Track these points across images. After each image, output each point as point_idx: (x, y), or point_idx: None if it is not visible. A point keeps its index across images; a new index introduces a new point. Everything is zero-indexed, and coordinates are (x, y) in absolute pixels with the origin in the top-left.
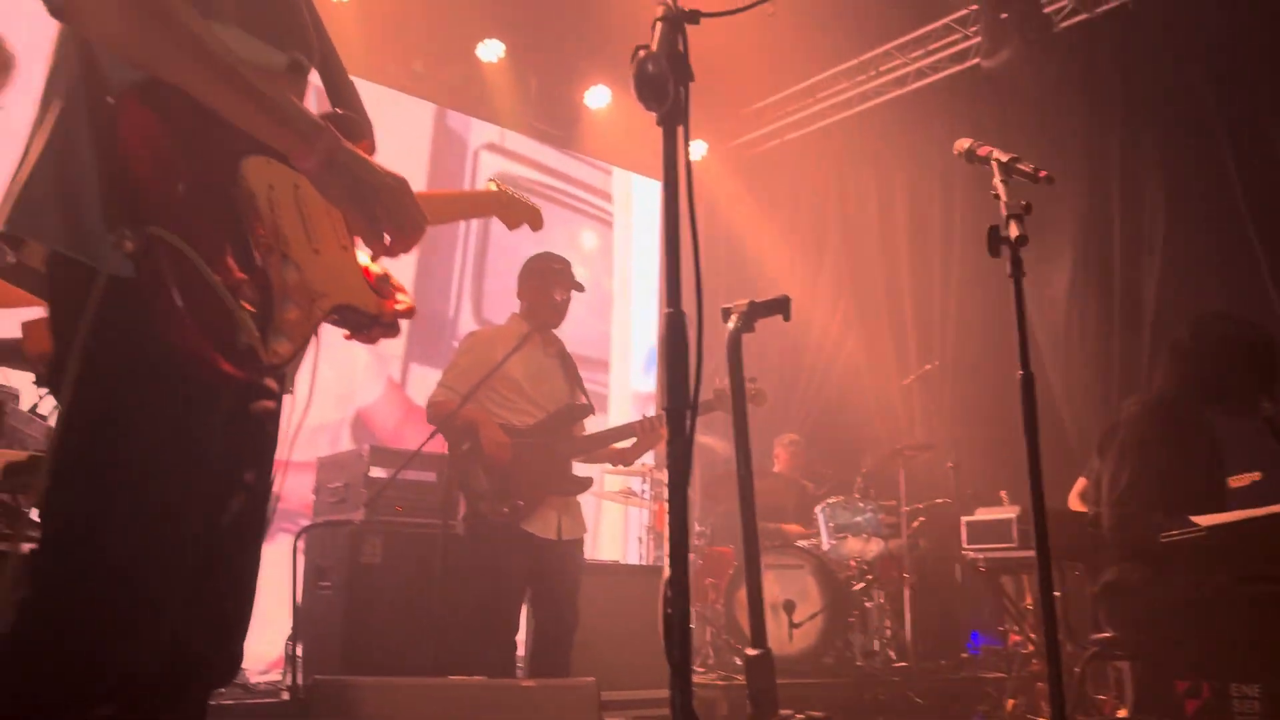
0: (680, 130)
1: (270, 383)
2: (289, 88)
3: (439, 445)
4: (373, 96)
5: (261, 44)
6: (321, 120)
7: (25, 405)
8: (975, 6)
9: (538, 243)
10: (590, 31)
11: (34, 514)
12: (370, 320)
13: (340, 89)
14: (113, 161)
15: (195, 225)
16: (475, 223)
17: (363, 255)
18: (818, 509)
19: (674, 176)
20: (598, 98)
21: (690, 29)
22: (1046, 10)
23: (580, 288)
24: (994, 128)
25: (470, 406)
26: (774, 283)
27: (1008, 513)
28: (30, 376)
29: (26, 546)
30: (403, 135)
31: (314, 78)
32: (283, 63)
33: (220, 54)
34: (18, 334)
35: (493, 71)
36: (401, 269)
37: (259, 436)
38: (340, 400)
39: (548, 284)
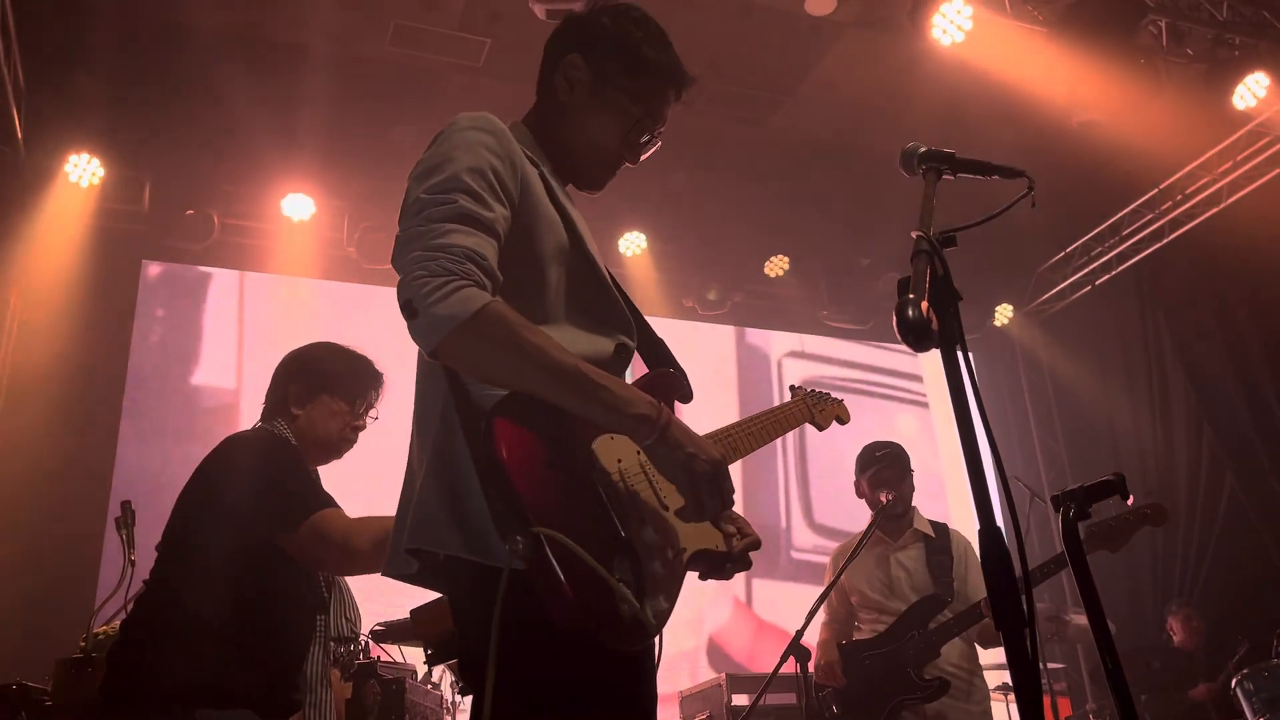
0: (958, 351)
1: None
2: (619, 369)
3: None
4: (675, 332)
5: (591, 336)
6: (655, 400)
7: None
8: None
9: (856, 437)
10: (872, 233)
11: None
12: (723, 559)
13: (654, 349)
14: (494, 473)
15: (568, 517)
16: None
17: None
18: (1234, 684)
19: (962, 398)
20: (889, 284)
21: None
22: None
23: (908, 461)
24: None
25: (824, 632)
26: (1118, 435)
27: None
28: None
29: None
30: (706, 360)
31: None
32: (610, 349)
33: (565, 361)
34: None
35: (781, 284)
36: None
37: (648, 690)
38: (691, 626)
39: (872, 482)
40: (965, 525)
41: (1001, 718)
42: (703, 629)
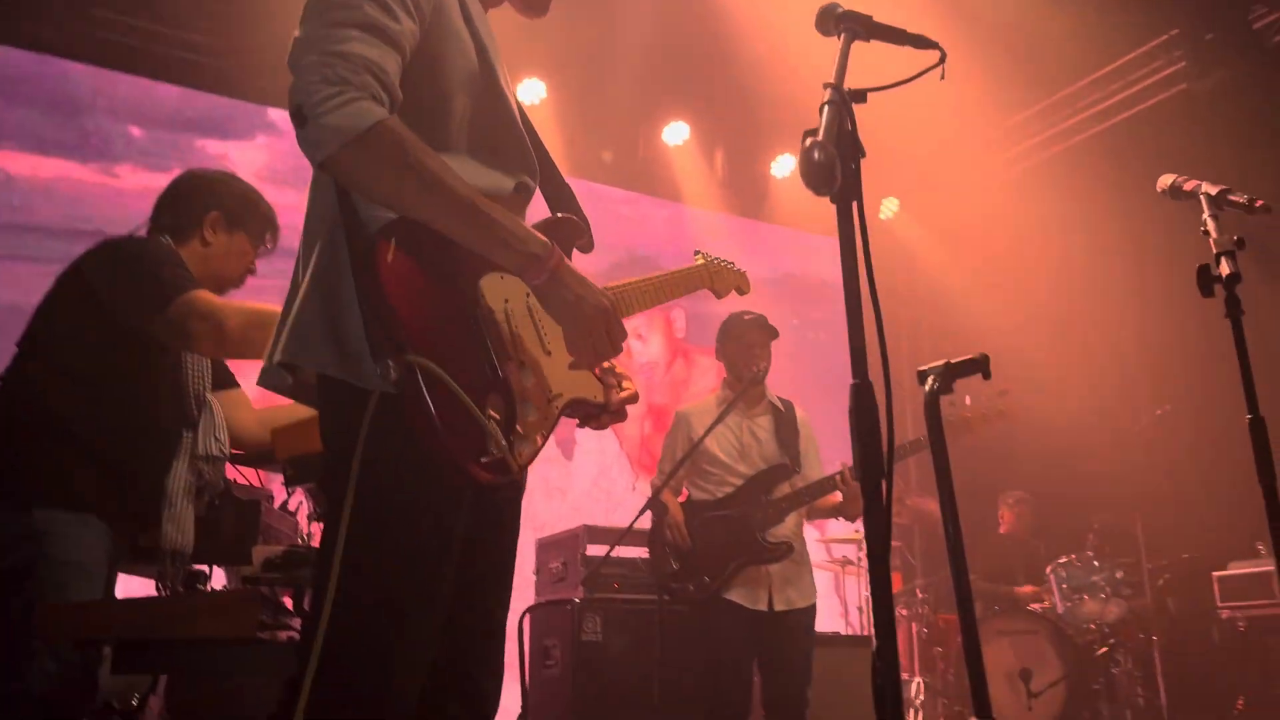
0: (855, 206)
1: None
2: (517, 208)
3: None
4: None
5: (490, 171)
6: (549, 240)
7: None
8: (1177, 31)
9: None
10: (771, 102)
11: (288, 603)
12: (599, 409)
13: (558, 194)
14: (373, 296)
15: (445, 347)
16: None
17: None
18: (1049, 569)
19: (851, 254)
20: (783, 167)
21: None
22: (1256, 27)
23: (774, 333)
24: (1207, 155)
25: (669, 489)
26: (983, 336)
27: (1266, 566)
28: (278, 477)
29: (284, 635)
30: (598, 225)
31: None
32: (510, 186)
33: (460, 190)
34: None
35: (679, 153)
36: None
37: (499, 523)
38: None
39: (739, 346)
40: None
41: (829, 588)
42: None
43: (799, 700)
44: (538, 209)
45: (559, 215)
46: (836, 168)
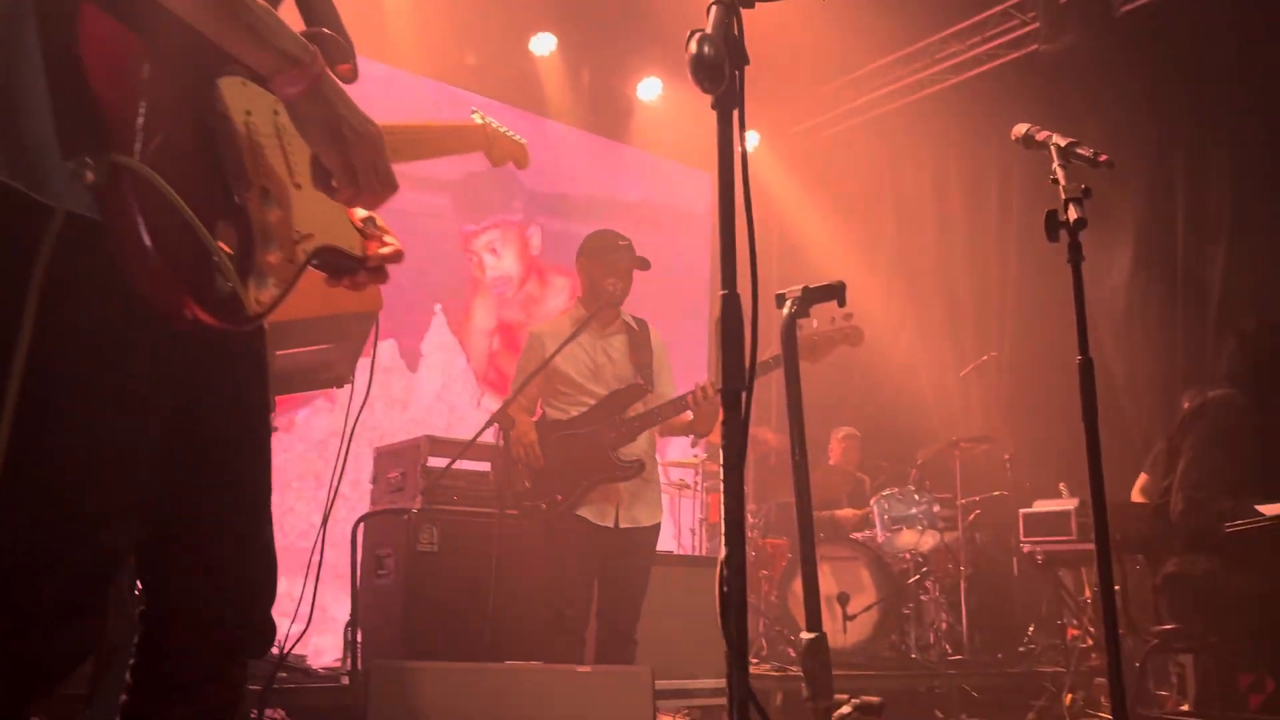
0: (735, 114)
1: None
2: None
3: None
4: (427, 92)
5: None
6: (313, 48)
7: None
8: None
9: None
10: (642, 22)
11: None
12: (356, 264)
13: (316, 6)
14: (69, 75)
15: (166, 153)
16: None
17: None
18: (873, 501)
19: (729, 161)
20: (649, 90)
21: (744, 14)
22: None
23: (644, 264)
24: (1052, 114)
25: (517, 405)
26: (828, 272)
27: (1066, 505)
28: None
29: None
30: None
31: None
32: None
33: None
34: None
35: (546, 65)
36: None
37: (234, 398)
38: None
39: (603, 266)
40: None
41: (664, 510)
42: None
43: (632, 613)
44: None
45: (320, 29)
46: (725, 65)
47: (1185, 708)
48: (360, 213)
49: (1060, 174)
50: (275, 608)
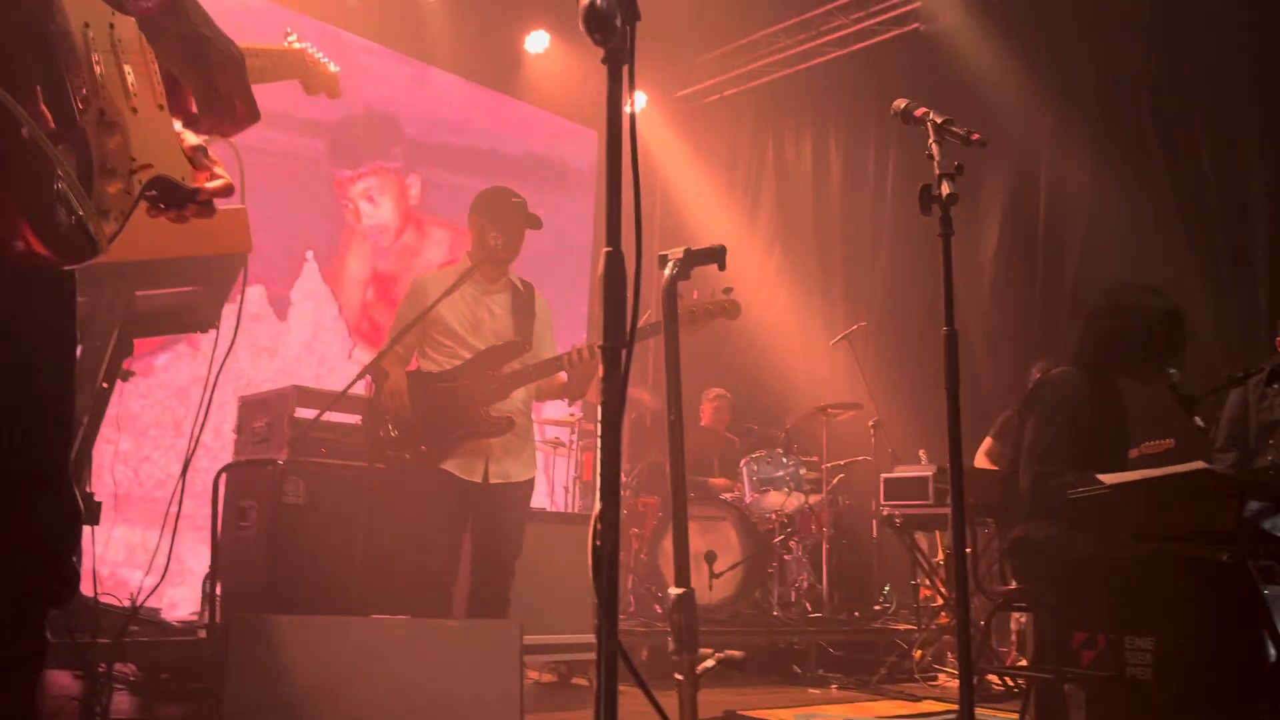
0: (625, 70)
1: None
2: None
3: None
4: (307, 31)
5: None
6: None
7: None
8: None
9: None
10: None
11: None
12: (186, 196)
13: None
14: None
15: (2, 67)
16: None
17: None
18: (742, 463)
19: (617, 116)
20: (537, 42)
21: None
22: None
23: (536, 223)
24: (930, 93)
25: (392, 355)
26: (708, 236)
27: (925, 470)
28: None
29: None
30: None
31: None
32: None
33: None
34: None
35: (432, 11)
36: None
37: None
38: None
39: (493, 221)
40: None
41: (539, 468)
42: None
43: (504, 570)
44: None
45: None
46: (618, 17)
47: (1023, 663)
48: (190, 140)
49: (935, 150)
50: (128, 559)
